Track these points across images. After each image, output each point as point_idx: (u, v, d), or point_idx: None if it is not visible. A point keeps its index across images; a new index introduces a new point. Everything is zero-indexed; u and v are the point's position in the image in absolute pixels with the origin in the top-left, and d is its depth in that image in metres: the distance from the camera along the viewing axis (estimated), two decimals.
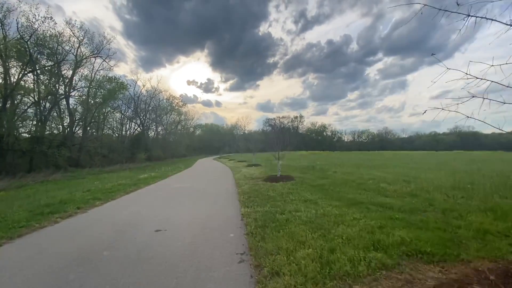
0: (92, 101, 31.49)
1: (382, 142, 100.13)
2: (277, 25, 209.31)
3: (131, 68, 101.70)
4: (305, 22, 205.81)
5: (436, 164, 18.96)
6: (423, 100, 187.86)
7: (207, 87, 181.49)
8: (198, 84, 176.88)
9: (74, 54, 28.17)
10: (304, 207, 5.66)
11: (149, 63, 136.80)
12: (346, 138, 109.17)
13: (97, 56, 31.10)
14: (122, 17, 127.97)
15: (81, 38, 28.28)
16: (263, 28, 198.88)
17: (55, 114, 28.10)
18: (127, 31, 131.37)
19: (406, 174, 11.51)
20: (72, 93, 29.75)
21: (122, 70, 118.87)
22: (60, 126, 28.97)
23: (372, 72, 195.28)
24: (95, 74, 31.70)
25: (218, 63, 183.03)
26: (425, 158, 31.53)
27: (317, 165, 17.78)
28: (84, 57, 29.35)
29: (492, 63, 2.12)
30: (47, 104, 26.65)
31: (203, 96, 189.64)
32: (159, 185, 10.95)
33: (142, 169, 24.51)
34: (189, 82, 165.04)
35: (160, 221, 5.10)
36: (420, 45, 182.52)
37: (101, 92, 32.02)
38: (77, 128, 31.89)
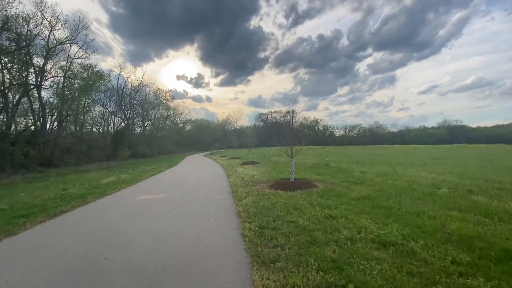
0: (68, 93, 27.38)
1: (373, 137, 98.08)
2: (268, 19, 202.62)
3: (118, 62, 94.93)
4: (296, 17, 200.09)
5: (474, 160, 15.93)
6: (411, 95, 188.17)
7: (197, 82, 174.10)
8: (188, 79, 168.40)
9: (46, 39, 24.03)
10: (407, 277, 2.37)
11: (137, 57, 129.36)
12: (338, 132, 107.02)
13: (72, 43, 26.80)
14: (108, 9, 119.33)
15: (53, 21, 24.04)
16: (254, 22, 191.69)
17: (28, 107, 24.25)
18: (114, 24, 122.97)
19: (467, 175, 8.40)
20: (44, 83, 25.53)
21: (110, 64, 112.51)
22: (31, 120, 25.04)
23: (362, 67, 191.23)
24: (71, 63, 27.52)
25: (208, 57, 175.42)
26: (443, 152, 28.58)
27: (329, 163, 14.57)
28: (57, 43, 25.12)
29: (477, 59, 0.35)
30: (16, 95, 22.83)
31: (193, 91, 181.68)
32: (119, 196, 7.44)
33: (120, 168, 20.86)
34: (178, 77, 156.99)
35: None
36: (408, 40, 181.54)
37: (78, 83, 28.05)
38: (54, 124, 27.92)
